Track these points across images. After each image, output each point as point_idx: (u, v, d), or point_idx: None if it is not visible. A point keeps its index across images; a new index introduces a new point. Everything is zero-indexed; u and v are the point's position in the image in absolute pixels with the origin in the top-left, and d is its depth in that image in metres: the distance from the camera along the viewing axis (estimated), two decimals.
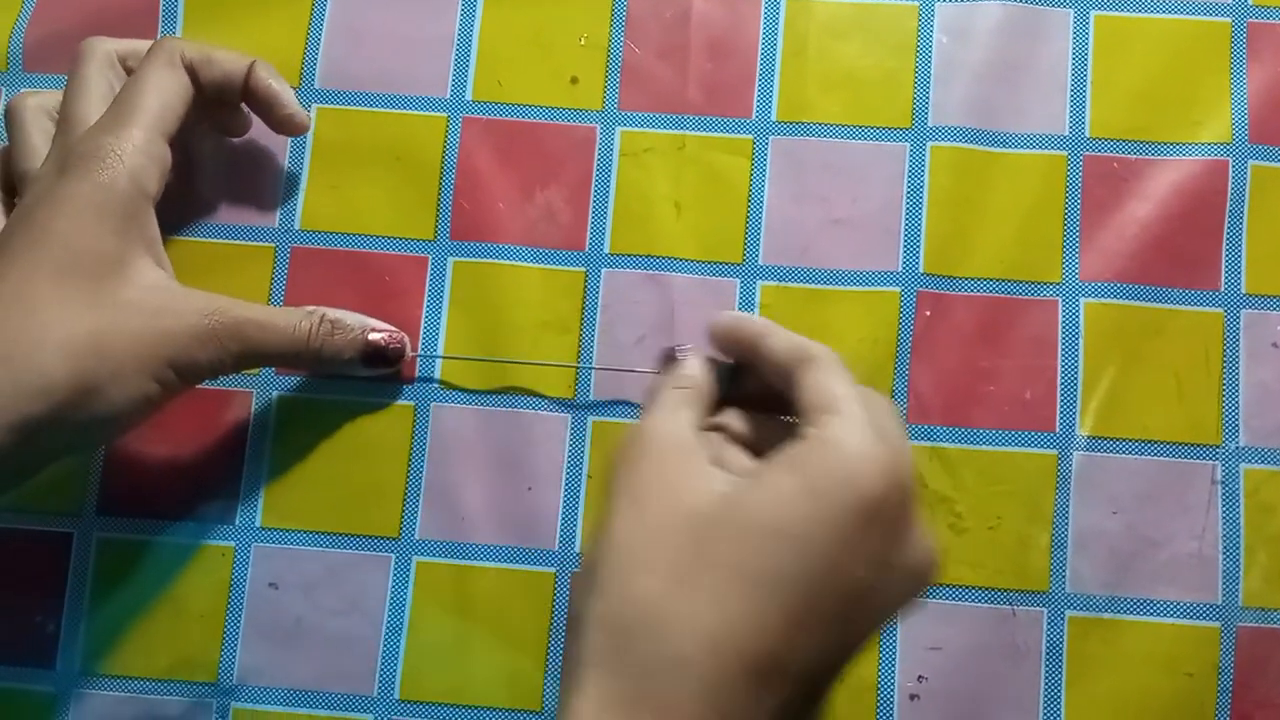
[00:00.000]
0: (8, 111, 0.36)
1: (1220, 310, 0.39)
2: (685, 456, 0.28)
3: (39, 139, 0.36)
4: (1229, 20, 0.41)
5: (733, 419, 0.32)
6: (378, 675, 0.38)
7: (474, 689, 0.37)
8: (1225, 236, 0.39)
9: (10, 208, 0.37)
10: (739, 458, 0.30)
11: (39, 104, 0.37)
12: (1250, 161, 0.40)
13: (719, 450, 0.30)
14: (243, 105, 0.39)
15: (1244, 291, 0.39)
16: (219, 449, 0.39)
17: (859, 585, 0.26)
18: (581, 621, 0.26)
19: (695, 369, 0.32)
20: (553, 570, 0.38)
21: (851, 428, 0.27)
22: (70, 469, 0.39)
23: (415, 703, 0.37)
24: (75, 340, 0.31)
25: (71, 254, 0.32)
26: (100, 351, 0.31)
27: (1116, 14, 0.41)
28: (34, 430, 0.30)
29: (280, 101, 0.38)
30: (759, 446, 0.30)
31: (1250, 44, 0.41)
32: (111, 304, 0.32)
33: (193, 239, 0.40)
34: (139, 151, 0.33)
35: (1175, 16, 0.41)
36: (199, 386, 0.35)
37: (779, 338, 0.31)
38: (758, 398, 0.32)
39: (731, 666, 0.25)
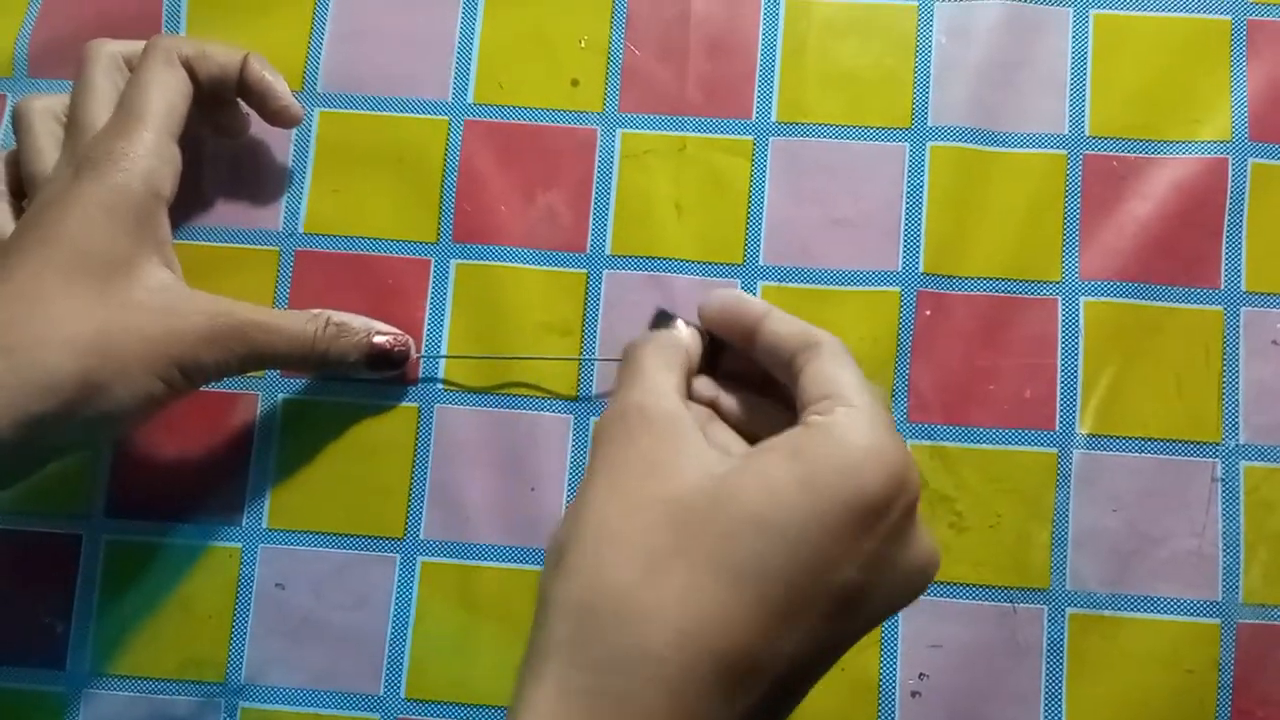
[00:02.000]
0: (15, 115, 0.37)
1: (1220, 308, 0.39)
2: (672, 432, 0.26)
3: (47, 142, 0.36)
4: (1228, 18, 0.41)
5: (725, 397, 0.30)
6: (384, 674, 0.38)
7: (479, 687, 0.38)
8: (1225, 234, 0.39)
9: (18, 210, 0.37)
10: (730, 437, 0.29)
11: (46, 107, 0.37)
12: (1250, 159, 0.40)
13: (706, 426, 0.29)
14: (240, 104, 0.39)
15: (1244, 289, 0.39)
16: (225, 451, 0.39)
17: (851, 586, 0.25)
18: (546, 606, 0.25)
19: (685, 335, 0.30)
20: None
21: (859, 420, 0.26)
22: (79, 471, 0.39)
23: (421, 701, 0.38)
24: (82, 338, 0.31)
25: (81, 253, 0.32)
26: (106, 350, 0.32)
27: (1116, 12, 0.41)
28: (39, 425, 0.30)
29: (274, 94, 0.38)
30: (749, 429, 0.29)
31: (1250, 41, 0.41)
32: (119, 303, 0.32)
33: (198, 242, 0.40)
34: (151, 154, 0.34)
35: (1175, 14, 0.41)
36: (205, 389, 0.36)
37: (783, 321, 0.30)
38: (738, 379, 0.31)
39: (701, 664, 0.23)
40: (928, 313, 0.39)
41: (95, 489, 0.39)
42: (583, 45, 0.42)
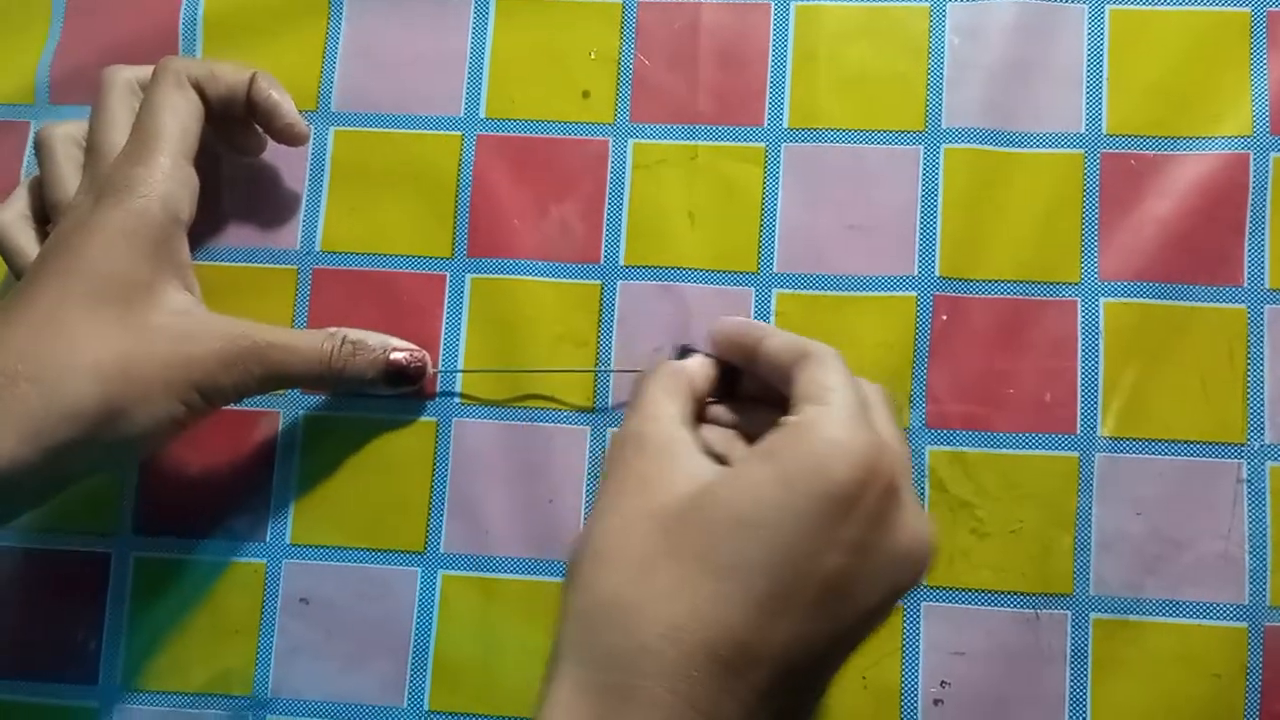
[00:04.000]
0: (38, 142, 0.37)
1: (1244, 306, 0.38)
2: (665, 452, 0.29)
3: (69, 168, 0.37)
4: (1248, 10, 0.40)
5: (721, 410, 0.33)
6: (407, 686, 0.38)
7: (502, 699, 0.38)
8: (1248, 231, 0.39)
9: (43, 236, 0.38)
10: (740, 449, 0.31)
11: (67, 133, 0.38)
12: (1272, 154, 0.39)
13: (725, 444, 0.31)
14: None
15: (1268, 287, 0.39)
16: (249, 468, 0.40)
17: (837, 573, 0.26)
18: (561, 615, 0.28)
19: (689, 363, 0.33)
20: None
21: (830, 415, 0.28)
22: (107, 490, 0.40)
23: (444, 713, 0.38)
24: (104, 364, 0.32)
25: (103, 280, 0.33)
26: (128, 375, 0.32)
27: (1132, 7, 0.41)
28: (63, 451, 0.31)
29: (280, 112, 0.38)
30: (754, 438, 0.31)
31: (1271, 34, 0.40)
32: (140, 329, 0.33)
33: (217, 263, 0.41)
34: (168, 178, 0.34)
35: (1193, 8, 0.40)
36: (228, 407, 0.36)
37: (779, 338, 0.32)
38: (761, 401, 0.33)
39: (695, 654, 0.25)
40: (944, 317, 0.39)
41: (123, 507, 0.40)
42: (593, 57, 0.42)
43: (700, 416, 0.33)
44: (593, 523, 0.28)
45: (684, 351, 0.35)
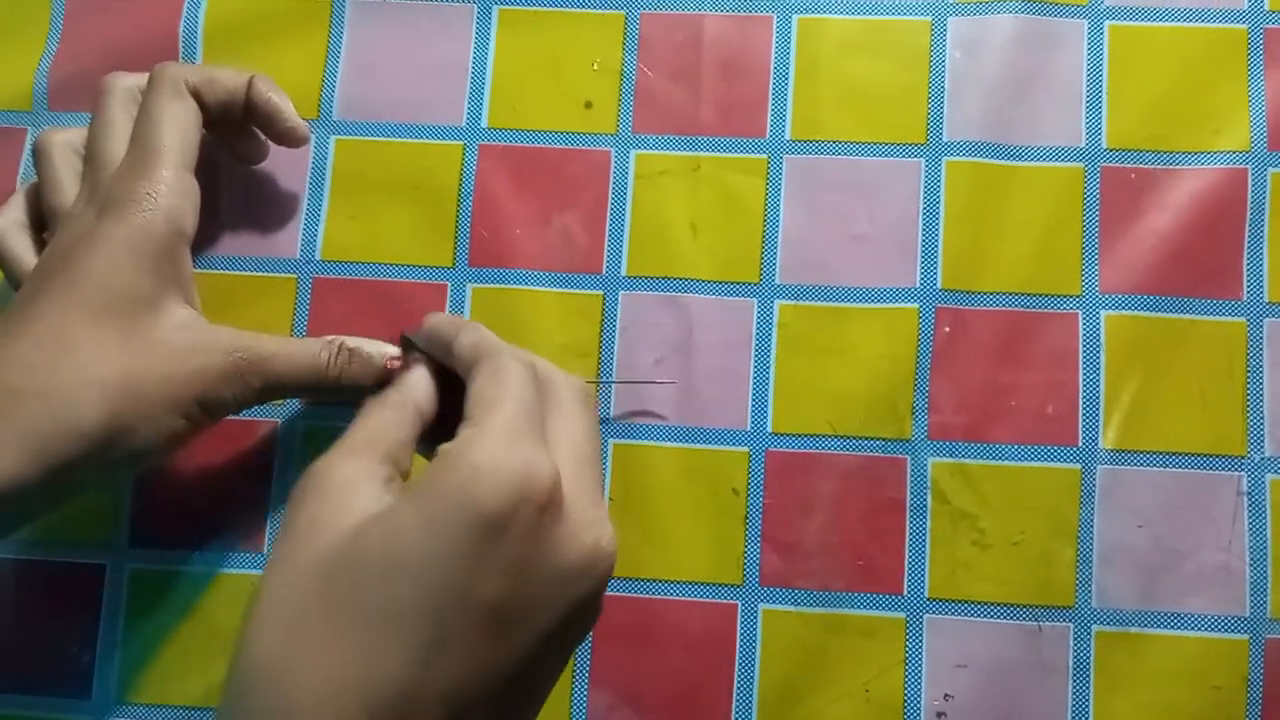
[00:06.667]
0: (36, 149, 0.37)
1: (1243, 320, 0.39)
2: (344, 489, 0.27)
3: (67, 175, 0.37)
4: (1245, 26, 0.41)
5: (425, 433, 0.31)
6: None
7: None
8: (1246, 245, 0.39)
9: (40, 243, 0.37)
10: None
11: (66, 140, 0.37)
12: (1270, 169, 0.39)
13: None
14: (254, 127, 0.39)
15: (1266, 300, 0.39)
16: (246, 479, 0.39)
17: (497, 599, 0.25)
18: (224, 680, 0.26)
19: (409, 389, 0.31)
20: None
21: (481, 436, 0.26)
22: (103, 501, 0.39)
23: None
24: (109, 381, 0.31)
25: (107, 294, 0.32)
26: (132, 392, 0.32)
27: (1130, 23, 0.41)
28: (67, 467, 0.31)
29: (280, 115, 0.38)
30: None
31: (1268, 49, 0.40)
32: (143, 344, 0.33)
33: (216, 271, 0.41)
34: (172, 191, 0.34)
35: (1190, 25, 0.41)
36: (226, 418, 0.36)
37: (467, 336, 0.30)
38: None
39: (351, 711, 0.23)
40: (947, 329, 0.39)
41: (119, 518, 0.39)
42: (595, 68, 0.42)
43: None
44: (262, 577, 0.26)
45: (406, 342, 0.33)
